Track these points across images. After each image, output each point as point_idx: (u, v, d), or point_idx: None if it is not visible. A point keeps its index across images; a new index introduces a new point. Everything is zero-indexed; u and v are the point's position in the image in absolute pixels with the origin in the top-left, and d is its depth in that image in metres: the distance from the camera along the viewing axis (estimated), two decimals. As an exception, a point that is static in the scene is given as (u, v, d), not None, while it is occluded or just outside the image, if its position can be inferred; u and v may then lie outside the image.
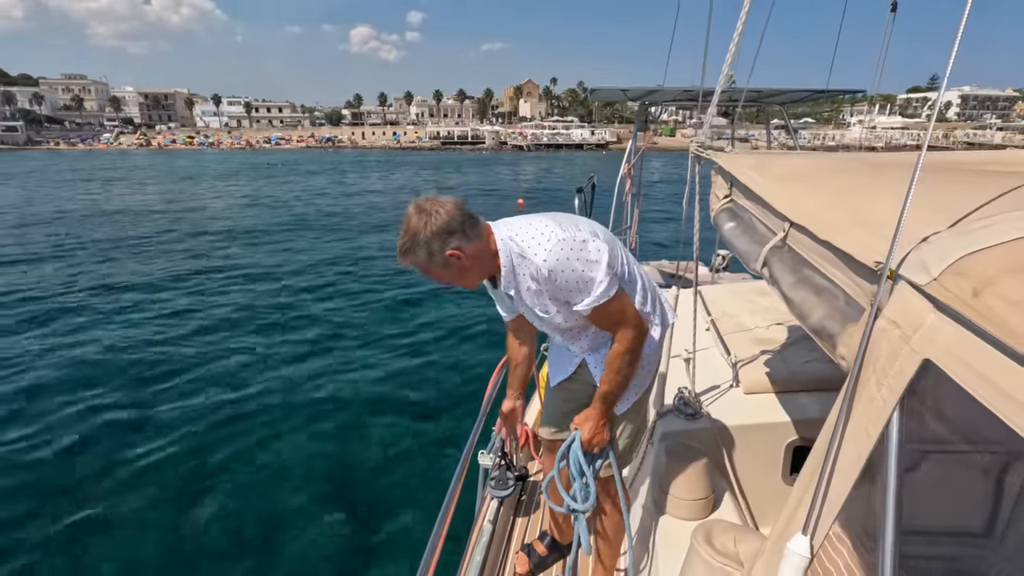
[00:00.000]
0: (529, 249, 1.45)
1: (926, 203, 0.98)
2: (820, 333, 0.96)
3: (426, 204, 1.40)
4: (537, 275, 1.46)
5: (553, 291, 1.48)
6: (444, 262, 1.42)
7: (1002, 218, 0.78)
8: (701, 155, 1.77)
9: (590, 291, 1.43)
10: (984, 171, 1.30)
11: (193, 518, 4.37)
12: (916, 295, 0.75)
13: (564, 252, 1.41)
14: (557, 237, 1.43)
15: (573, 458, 1.57)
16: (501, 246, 1.49)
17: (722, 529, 1.27)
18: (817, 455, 0.87)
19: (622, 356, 1.55)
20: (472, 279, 1.53)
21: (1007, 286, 0.66)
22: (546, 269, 1.42)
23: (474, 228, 1.44)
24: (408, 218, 1.41)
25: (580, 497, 1.57)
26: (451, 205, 1.41)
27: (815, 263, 1.06)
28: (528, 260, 1.46)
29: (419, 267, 1.44)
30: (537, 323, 1.70)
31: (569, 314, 1.56)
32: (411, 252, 1.41)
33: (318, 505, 4.51)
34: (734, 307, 3.04)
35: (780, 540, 0.91)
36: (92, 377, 6.77)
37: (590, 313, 1.48)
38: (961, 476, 1.13)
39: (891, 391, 0.76)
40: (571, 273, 1.42)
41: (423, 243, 1.39)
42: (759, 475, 2.03)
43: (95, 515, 4.37)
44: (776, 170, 1.42)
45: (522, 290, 1.54)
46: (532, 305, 1.57)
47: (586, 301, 1.45)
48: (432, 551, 1.53)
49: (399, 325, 8.72)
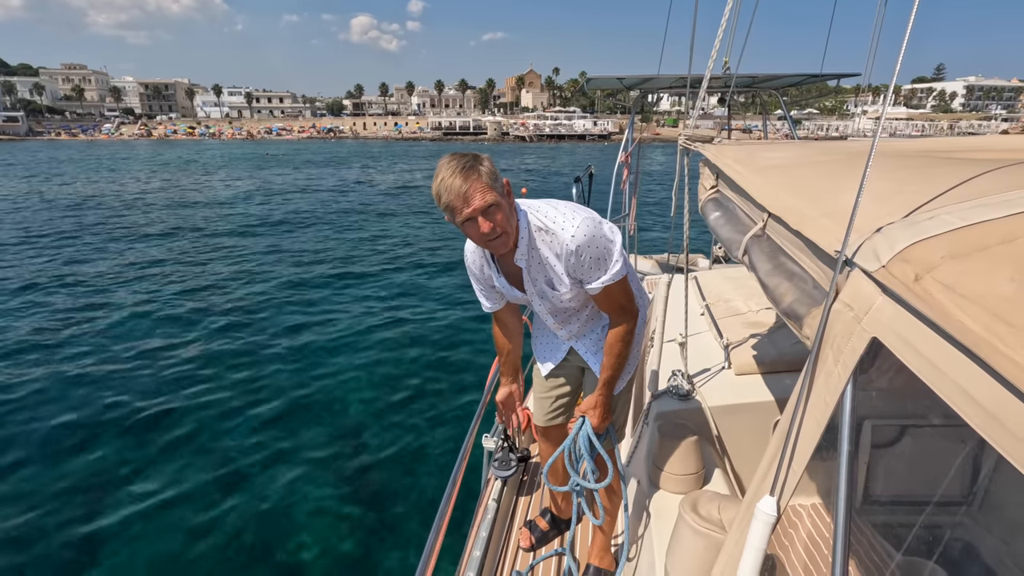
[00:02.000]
0: (556, 224, 1.48)
1: (889, 194, 1.07)
2: (790, 315, 1.05)
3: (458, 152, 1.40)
4: (562, 250, 1.48)
5: (574, 267, 1.50)
6: (501, 189, 1.40)
7: (946, 210, 0.86)
8: (689, 147, 1.85)
9: (607, 269, 1.49)
10: (955, 159, 1.38)
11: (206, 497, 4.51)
12: (867, 280, 0.84)
13: (591, 229, 1.45)
14: (583, 215, 1.47)
15: (584, 442, 1.64)
16: (521, 216, 1.50)
17: (708, 498, 1.37)
18: (784, 424, 0.97)
19: (622, 339, 1.59)
20: (512, 224, 1.46)
21: (943, 271, 0.74)
22: (574, 244, 1.45)
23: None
24: (448, 158, 1.39)
25: (592, 478, 1.67)
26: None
27: (789, 251, 1.15)
28: (553, 234, 1.48)
29: (478, 186, 1.35)
30: (536, 303, 1.70)
31: (576, 293, 1.59)
32: (474, 169, 1.35)
33: (330, 487, 4.65)
34: (728, 292, 3.14)
35: (752, 502, 1.00)
36: (95, 374, 6.90)
37: (600, 292, 1.52)
38: (939, 447, 1.21)
39: (845, 367, 0.86)
40: (595, 250, 1.46)
41: (488, 164, 1.38)
42: (747, 450, 2.14)
43: (99, 513, 4.49)
44: (759, 162, 1.50)
45: (534, 263, 1.56)
46: (540, 280, 1.59)
47: (602, 279, 1.49)
48: (439, 528, 1.62)
49: (404, 307, 8.82)
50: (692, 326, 2.71)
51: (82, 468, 4.94)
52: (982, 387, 0.61)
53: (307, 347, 7.55)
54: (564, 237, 1.46)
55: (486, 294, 1.77)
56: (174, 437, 5.39)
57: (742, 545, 0.96)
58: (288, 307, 9.22)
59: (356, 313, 8.95)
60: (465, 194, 1.33)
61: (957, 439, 1.10)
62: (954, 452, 1.18)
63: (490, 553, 2.07)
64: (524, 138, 74.21)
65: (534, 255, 1.54)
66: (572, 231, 1.45)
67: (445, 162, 1.38)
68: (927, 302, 0.72)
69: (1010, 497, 1.14)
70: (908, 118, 72.74)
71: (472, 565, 1.94)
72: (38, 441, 5.33)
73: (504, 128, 79.40)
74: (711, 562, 1.11)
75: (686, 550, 1.30)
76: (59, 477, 4.79)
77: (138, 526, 4.23)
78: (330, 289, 10.27)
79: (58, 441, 5.34)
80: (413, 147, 64.72)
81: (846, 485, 0.85)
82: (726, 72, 2.89)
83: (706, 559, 1.22)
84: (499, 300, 1.78)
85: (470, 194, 1.34)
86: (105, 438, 5.39)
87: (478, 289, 1.78)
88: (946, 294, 0.70)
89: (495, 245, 1.45)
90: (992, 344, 0.60)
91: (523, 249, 1.51)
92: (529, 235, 1.50)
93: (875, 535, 1.39)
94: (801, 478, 0.94)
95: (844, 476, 0.85)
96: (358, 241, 14.48)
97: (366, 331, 8.11)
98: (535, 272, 1.57)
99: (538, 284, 1.60)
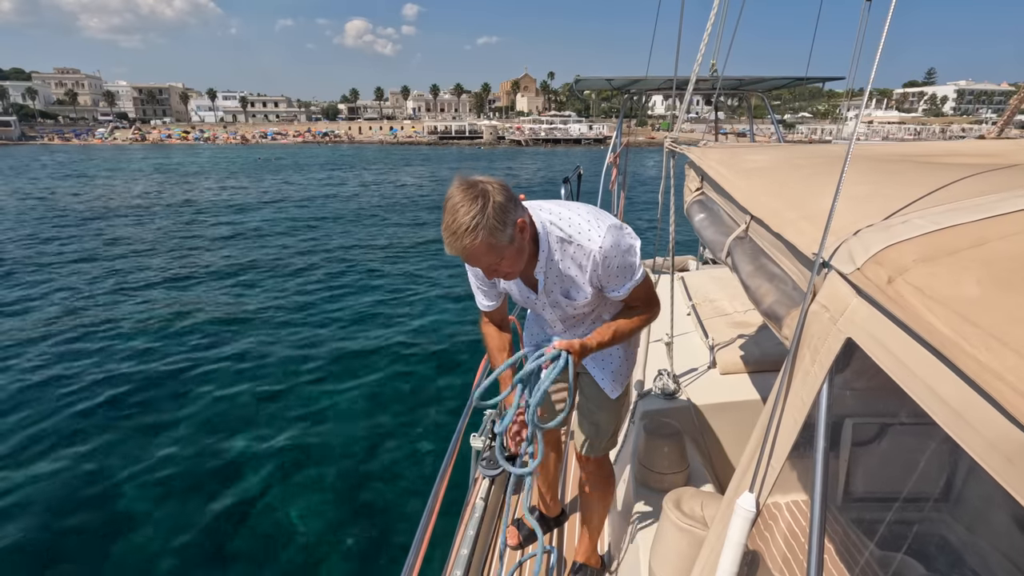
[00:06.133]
0: (580, 235, 1.42)
1: (866, 197, 1.10)
2: (770, 316, 1.08)
3: (471, 180, 1.28)
4: (587, 260, 1.43)
5: (601, 276, 1.45)
6: (511, 237, 1.30)
7: (919, 214, 0.89)
8: (675, 150, 1.87)
9: (632, 276, 1.46)
10: (932, 163, 1.41)
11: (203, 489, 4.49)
12: (842, 282, 0.86)
13: (616, 237, 1.41)
14: (607, 223, 1.42)
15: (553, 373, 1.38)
16: (541, 228, 1.42)
17: (690, 496, 1.39)
18: (763, 422, 0.99)
19: (640, 321, 1.56)
20: (522, 260, 1.39)
21: (914, 274, 0.77)
22: (600, 255, 1.41)
23: (519, 203, 1.36)
24: (458, 196, 1.25)
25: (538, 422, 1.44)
26: (494, 180, 1.31)
27: (770, 253, 1.17)
28: (579, 245, 1.42)
29: (480, 247, 1.26)
30: (548, 310, 1.63)
31: (594, 299, 1.55)
32: (478, 228, 1.23)
33: (315, 486, 4.66)
34: (714, 293, 3.17)
35: (732, 498, 1.02)
36: (98, 371, 6.87)
37: (629, 295, 1.50)
38: (916, 445, 1.24)
39: (821, 366, 0.88)
40: (620, 259, 1.42)
41: (495, 213, 1.24)
42: (731, 448, 2.16)
43: (102, 509, 4.48)
44: (742, 165, 1.53)
45: (552, 275, 1.50)
46: (556, 291, 1.54)
47: (627, 285, 1.47)
48: (425, 526, 1.62)
49: (391, 308, 8.83)
50: (678, 326, 2.74)
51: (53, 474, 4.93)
52: (948, 386, 0.63)
53: (292, 348, 7.54)
54: (591, 248, 1.41)
55: (485, 291, 1.70)
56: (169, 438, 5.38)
57: (723, 540, 0.98)
58: (276, 309, 9.20)
59: (342, 314, 8.93)
60: (467, 254, 1.29)
61: (936, 438, 1.13)
62: (933, 450, 1.21)
63: (477, 551, 2.07)
64: (520, 142, 74.38)
65: (552, 267, 1.48)
66: (599, 241, 1.40)
67: (452, 203, 1.25)
68: (899, 304, 0.74)
69: (983, 492, 1.17)
70: (900, 121, 73.40)
71: (459, 563, 1.95)
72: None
73: (500, 132, 79.56)
74: (694, 558, 1.13)
75: (670, 546, 1.32)
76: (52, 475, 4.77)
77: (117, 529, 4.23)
78: (318, 292, 10.25)
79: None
80: (409, 151, 64.77)
81: (821, 480, 0.87)
82: (713, 74, 2.92)
83: (689, 555, 1.24)
84: (498, 297, 1.72)
85: (470, 255, 1.29)
86: (103, 436, 5.38)
87: (475, 285, 1.71)
88: (917, 296, 0.72)
89: (503, 278, 1.46)
90: (958, 344, 0.62)
91: (543, 263, 1.46)
92: (549, 248, 1.44)
93: (856, 531, 1.41)
94: (780, 474, 0.97)
95: (820, 471, 0.87)
96: (352, 246, 14.46)
97: (352, 332, 8.11)
98: (551, 284, 1.53)
99: (553, 295, 1.56)
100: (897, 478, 1.36)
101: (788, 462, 0.96)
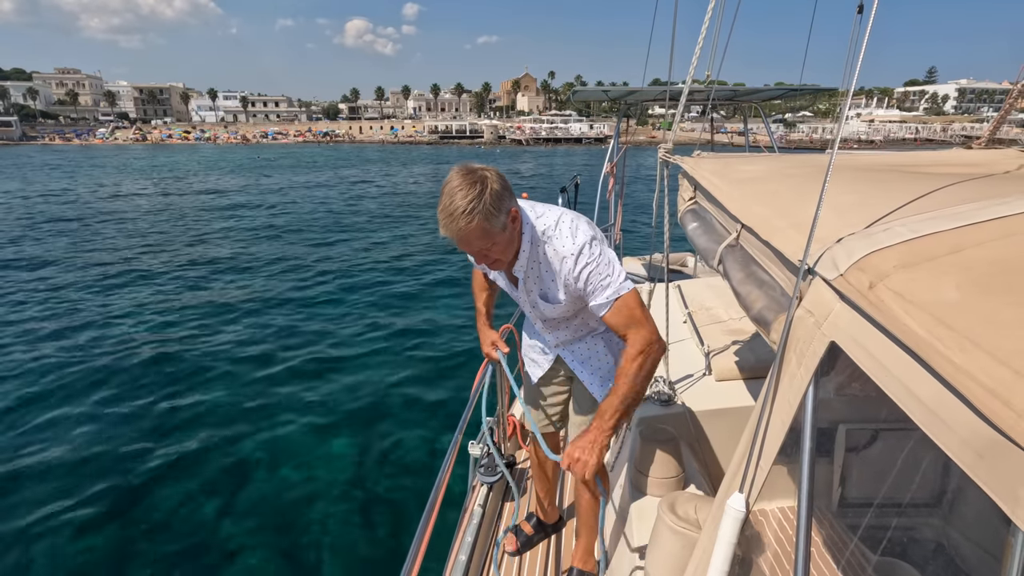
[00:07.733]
0: (557, 237, 1.43)
1: (851, 206, 1.13)
2: (759, 321, 1.10)
3: (470, 167, 1.30)
4: (560, 263, 1.44)
5: (575, 281, 1.44)
6: (503, 225, 1.33)
7: (900, 222, 0.92)
8: (668, 159, 1.90)
9: (609, 284, 1.42)
10: (917, 173, 1.44)
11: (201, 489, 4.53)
12: (826, 288, 0.89)
13: (591, 245, 1.41)
14: (587, 231, 1.42)
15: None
16: (526, 228, 1.44)
17: (685, 499, 1.42)
18: (752, 424, 1.02)
19: (635, 360, 1.41)
20: (511, 249, 1.42)
21: (895, 280, 0.80)
22: (572, 260, 1.41)
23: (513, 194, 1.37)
24: (457, 180, 1.28)
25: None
26: (492, 169, 1.33)
27: (760, 261, 1.20)
28: (555, 247, 1.44)
29: (474, 231, 1.29)
30: (527, 308, 1.67)
31: (570, 306, 1.55)
32: (474, 212, 1.25)
33: (313, 491, 4.67)
34: (710, 301, 3.21)
35: (723, 499, 1.05)
36: (101, 371, 6.92)
37: (610, 310, 1.42)
38: (909, 451, 1.26)
39: (807, 369, 0.91)
40: (595, 267, 1.41)
41: (491, 199, 1.27)
42: (726, 454, 2.19)
43: (103, 508, 4.52)
44: (734, 175, 1.56)
45: (531, 276, 1.51)
46: (534, 291, 1.55)
47: (606, 294, 1.41)
48: (423, 533, 1.63)
49: (392, 314, 8.85)
50: (674, 334, 2.77)
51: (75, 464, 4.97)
52: (925, 386, 0.66)
53: (288, 351, 7.55)
54: (564, 252, 1.43)
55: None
56: (169, 438, 5.42)
57: (714, 540, 1.01)
58: (275, 309, 9.23)
59: (340, 317, 8.95)
60: (461, 236, 1.31)
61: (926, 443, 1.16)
62: (925, 456, 1.24)
63: (475, 558, 2.08)
64: (520, 141, 74.39)
65: (532, 268, 1.51)
66: (572, 248, 1.41)
67: (450, 187, 1.29)
68: (879, 308, 0.77)
69: (973, 497, 1.19)
70: (902, 120, 73.32)
71: (458, 569, 1.97)
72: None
73: (500, 131, 79.55)
74: (688, 560, 1.15)
75: (664, 549, 1.34)
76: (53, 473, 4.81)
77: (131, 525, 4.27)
78: (316, 293, 10.29)
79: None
80: (410, 151, 64.78)
81: (808, 479, 0.90)
82: (708, 84, 2.95)
83: (683, 557, 1.27)
84: None
85: (463, 238, 1.32)
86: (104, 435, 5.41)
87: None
88: (896, 300, 0.75)
89: (490, 267, 1.47)
90: (933, 346, 0.65)
91: (522, 261, 1.49)
92: (531, 248, 1.46)
93: (849, 535, 1.44)
94: (770, 478, 0.99)
95: (806, 471, 0.90)
96: (351, 248, 14.46)
97: (348, 337, 8.11)
98: (531, 283, 1.55)
99: (532, 295, 1.58)
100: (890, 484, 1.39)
101: (777, 467, 0.99)
